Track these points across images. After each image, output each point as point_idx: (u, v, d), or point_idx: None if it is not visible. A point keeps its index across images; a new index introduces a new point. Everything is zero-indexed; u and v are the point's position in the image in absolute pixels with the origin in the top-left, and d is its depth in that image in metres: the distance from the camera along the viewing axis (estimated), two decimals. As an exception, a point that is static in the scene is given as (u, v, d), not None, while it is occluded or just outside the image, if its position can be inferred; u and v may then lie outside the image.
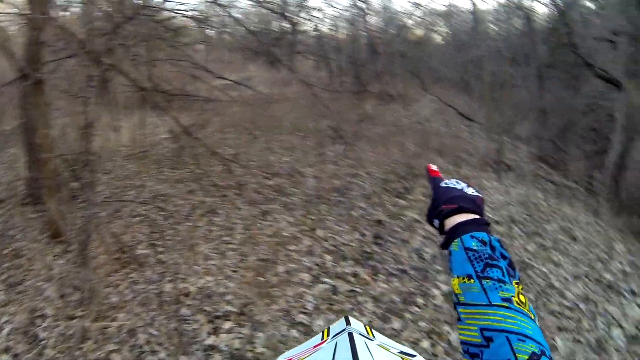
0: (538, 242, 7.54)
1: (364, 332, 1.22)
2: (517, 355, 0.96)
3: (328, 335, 1.23)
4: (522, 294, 1.09)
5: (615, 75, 13.04)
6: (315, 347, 1.16)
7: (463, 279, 1.13)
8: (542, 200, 9.94)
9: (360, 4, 26.82)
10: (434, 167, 1.55)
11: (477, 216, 1.28)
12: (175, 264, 6.23)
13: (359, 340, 1.07)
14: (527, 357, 0.95)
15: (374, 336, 1.23)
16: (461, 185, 1.40)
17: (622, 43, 12.63)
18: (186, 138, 9.41)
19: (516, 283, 1.11)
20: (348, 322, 1.25)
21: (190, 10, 14.81)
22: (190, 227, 7.40)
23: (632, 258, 7.64)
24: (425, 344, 4.84)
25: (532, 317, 1.05)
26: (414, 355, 1.14)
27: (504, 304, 1.04)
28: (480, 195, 1.38)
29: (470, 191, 1.37)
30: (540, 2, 23.49)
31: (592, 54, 16.20)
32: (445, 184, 1.42)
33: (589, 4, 21.59)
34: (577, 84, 18.76)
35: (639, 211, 11.01)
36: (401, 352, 1.13)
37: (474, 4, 25.67)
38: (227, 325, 4.96)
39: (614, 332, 5.37)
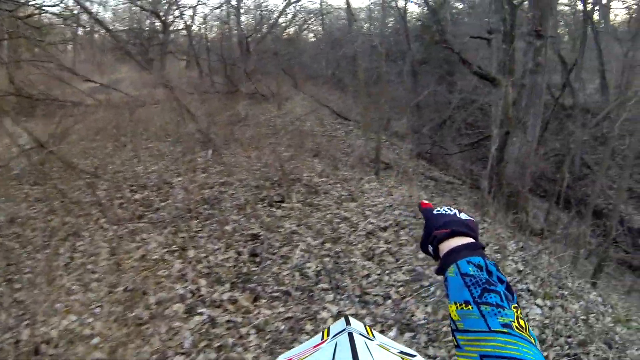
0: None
1: (364, 332, 1.20)
2: None
3: (328, 335, 1.22)
4: (521, 318, 1.08)
5: (490, 71, 13.28)
6: (315, 347, 1.15)
7: (461, 305, 1.11)
8: (426, 199, 9.67)
9: (232, 1, 26.50)
10: (425, 201, 1.54)
11: (472, 239, 1.27)
12: (34, 302, 5.35)
13: (359, 340, 1.07)
14: None
15: (374, 336, 1.22)
16: (453, 211, 1.39)
17: (497, 41, 12.91)
18: (43, 150, 8.56)
19: (515, 307, 1.09)
20: (348, 322, 1.23)
21: (57, 6, 13.89)
22: (50, 256, 6.55)
23: (523, 254, 7.52)
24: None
25: (533, 342, 1.03)
26: (414, 355, 1.14)
27: (503, 329, 1.03)
28: (473, 219, 1.36)
29: (463, 216, 1.36)
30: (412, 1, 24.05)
31: (465, 50, 16.54)
32: (437, 211, 1.41)
33: (459, 5, 22.28)
34: (451, 79, 19.20)
35: (524, 205, 11.10)
36: (401, 352, 1.13)
37: (347, 2, 25.69)
38: (97, 377, 4.32)
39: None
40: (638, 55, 15.98)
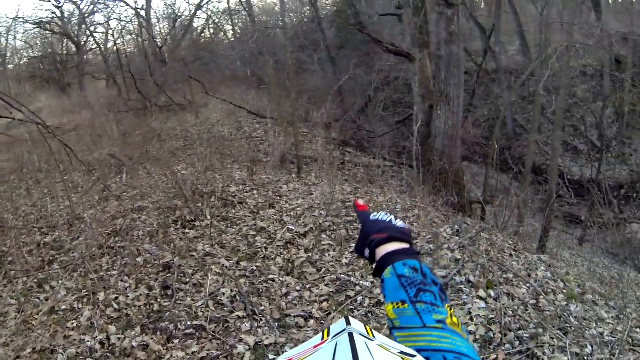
0: (353, 249, 6.74)
1: (364, 332, 1.03)
2: None
3: (328, 335, 1.06)
4: (454, 315, 1.13)
5: (404, 47, 13.11)
6: (315, 347, 1.02)
7: (397, 304, 1.15)
8: (350, 193, 9.40)
9: (142, 12, 26.02)
10: (361, 202, 1.60)
11: (407, 245, 1.33)
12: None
13: (359, 340, 0.96)
14: None
15: (374, 336, 1.05)
16: (389, 217, 1.43)
17: (408, 15, 12.72)
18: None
19: (448, 306, 1.15)
20: (348, 322, 1.05)
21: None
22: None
23: (460, 240, 7.13)
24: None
25: (465, 337, 1.07)
26: (414, 355, 1.00)
27: (437, 325, 1.08)
28: (407, 226, 1.41)
29: (399, 223, 1.40)
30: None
31: (380, 30, 16.48)
32: (374, 215, 1.45)
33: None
34: (370, 60, 19.08)
35: (458, 180, 10.88)
36: (401, 352, 1.00)
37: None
38: None
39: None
40: (552, 12, 16.05)
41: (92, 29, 29.83)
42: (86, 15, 28.73)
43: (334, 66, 20.02)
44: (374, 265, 1.35)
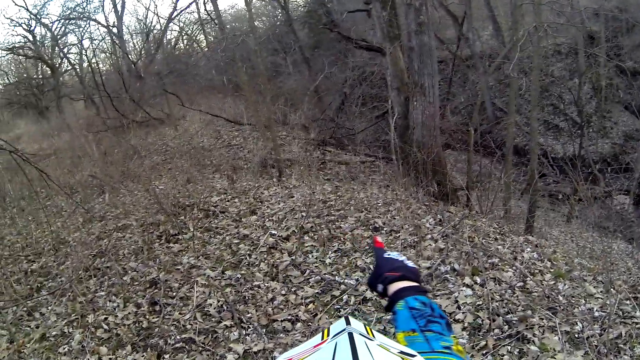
0: (336, 248, 6.74)
1: (364, 332, 1.12)
2: None
3: (328, 335, 1.14)
4: (459, 344, 1.25)
5: (376, 41, 13.10)
6: (315, 347, 1.09)
7: (408, 332, 1.27)
8: (330, 192, 9.37)
9: (114, 29, 25.84)
10: (379, 239, 1.77)
11: (417, 283, 1.49)
12: None
13: (359, 340, 1.02)
14: None
15: (374, 336, 1.14)
16: (402, 257, 1.59)
17: (376, 10, 12.69)
18: None
19: (453, 337, 1.27)
20: (348, 322, 1.15)
21: None
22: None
23: (442, 229, 7.08)
24: None
25: None
26: (414, 355, 1.10)
27: (445, 350, 1.19)
28: (417, 267, 1.59)
29: (410, 263, 1.57)
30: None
31: (352, 27, 16.46)
32: (388, 254, 1.61)
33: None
34: (344, 58, 19.03)
35: (440, 169, 10.81)
36: (401, 352, 1.09)
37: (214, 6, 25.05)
38: None
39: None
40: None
41: (65, 50, 29.55)
42: (58, 37, 28.51)
43: (309, 67, 19.98)
44: (385, 299, 1.51)
